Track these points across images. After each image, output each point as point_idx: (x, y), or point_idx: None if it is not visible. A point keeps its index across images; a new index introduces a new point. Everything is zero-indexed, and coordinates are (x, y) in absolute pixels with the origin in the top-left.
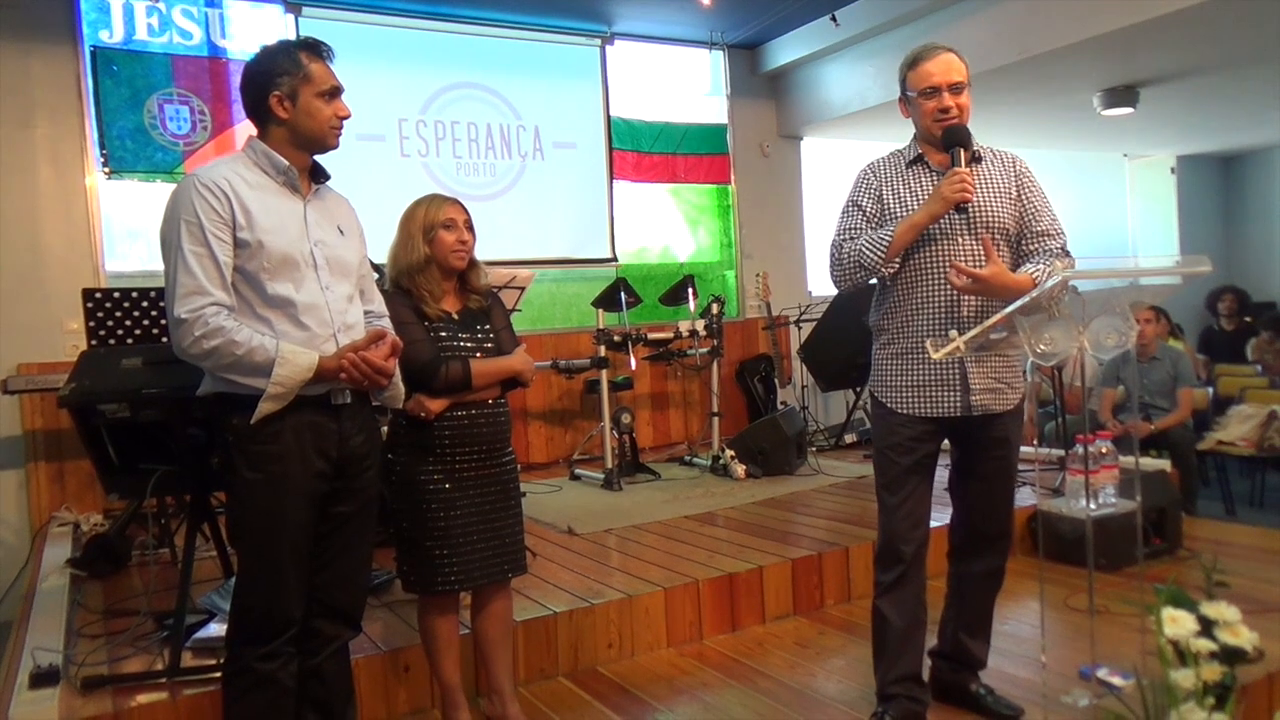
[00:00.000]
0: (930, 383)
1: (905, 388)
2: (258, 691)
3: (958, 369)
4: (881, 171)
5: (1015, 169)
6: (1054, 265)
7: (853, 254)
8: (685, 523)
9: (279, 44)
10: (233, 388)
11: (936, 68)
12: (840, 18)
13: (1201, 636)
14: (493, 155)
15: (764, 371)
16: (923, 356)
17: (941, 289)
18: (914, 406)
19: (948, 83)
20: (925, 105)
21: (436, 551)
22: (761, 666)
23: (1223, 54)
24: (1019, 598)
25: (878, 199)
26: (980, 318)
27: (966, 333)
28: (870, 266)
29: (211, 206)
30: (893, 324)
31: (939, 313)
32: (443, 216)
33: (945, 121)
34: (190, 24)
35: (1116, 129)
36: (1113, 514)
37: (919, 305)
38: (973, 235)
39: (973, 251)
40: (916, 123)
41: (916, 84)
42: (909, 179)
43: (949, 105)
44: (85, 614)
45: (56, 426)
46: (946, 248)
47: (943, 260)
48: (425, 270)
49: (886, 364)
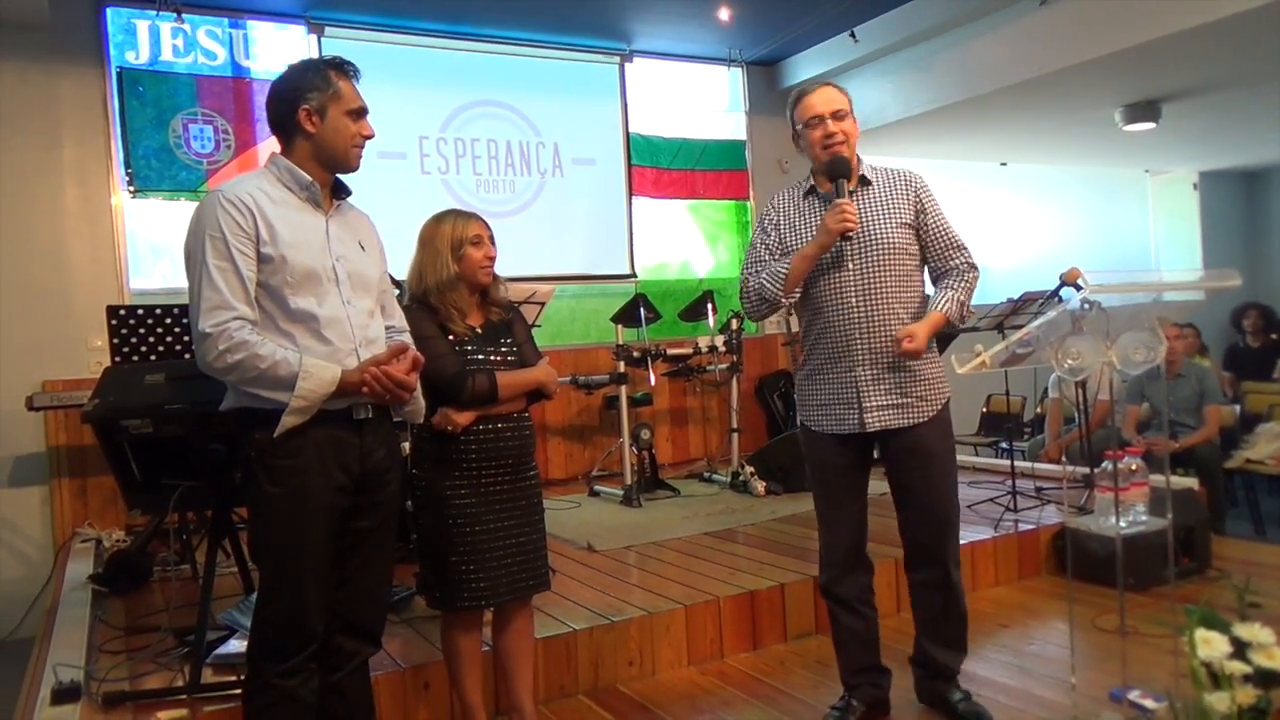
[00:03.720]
0: (833, 402)
1: (815, 406)
2: (279, 708)
3: (853, 389)
4: (780, 205)
5: (913, 188)
6: (962, 283)
7: (756, 287)
8: (705, 540)
9: (308, 61)
10: (256, 402)
11: (818, 99)
12: (859, 34)
13: (1235, 659)
14: (512, 172)
15: (784, 388)
16: (827, 377)
17: (839, 313)
18: (823, 424)
19: (829, 110)
20: (812, 135)
21: (462, 568)
22: (784, 685)
23: (1245, 69)
24: (1045, 618)
25: (776, 232)
26: (874, 335)
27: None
28: (771, 299)
29: (235, 221)
30: (806, 346)
31: (839, 335)
32: (470, 233)
33: (831, 147)
34: (215, 44)
35: (1138, 145)
36: (1143, 532)
37: (822, 330)
38: (864, 260)
39: (866, 276)
40: (808, 154)
41: (802, 116)
42: (804, 210)
43: (833, 130)
44: (107, 630)
45: (80, 443)
46: (839, 274)
47: (837, 286)
48: (454, 287)
49: (802, 384)
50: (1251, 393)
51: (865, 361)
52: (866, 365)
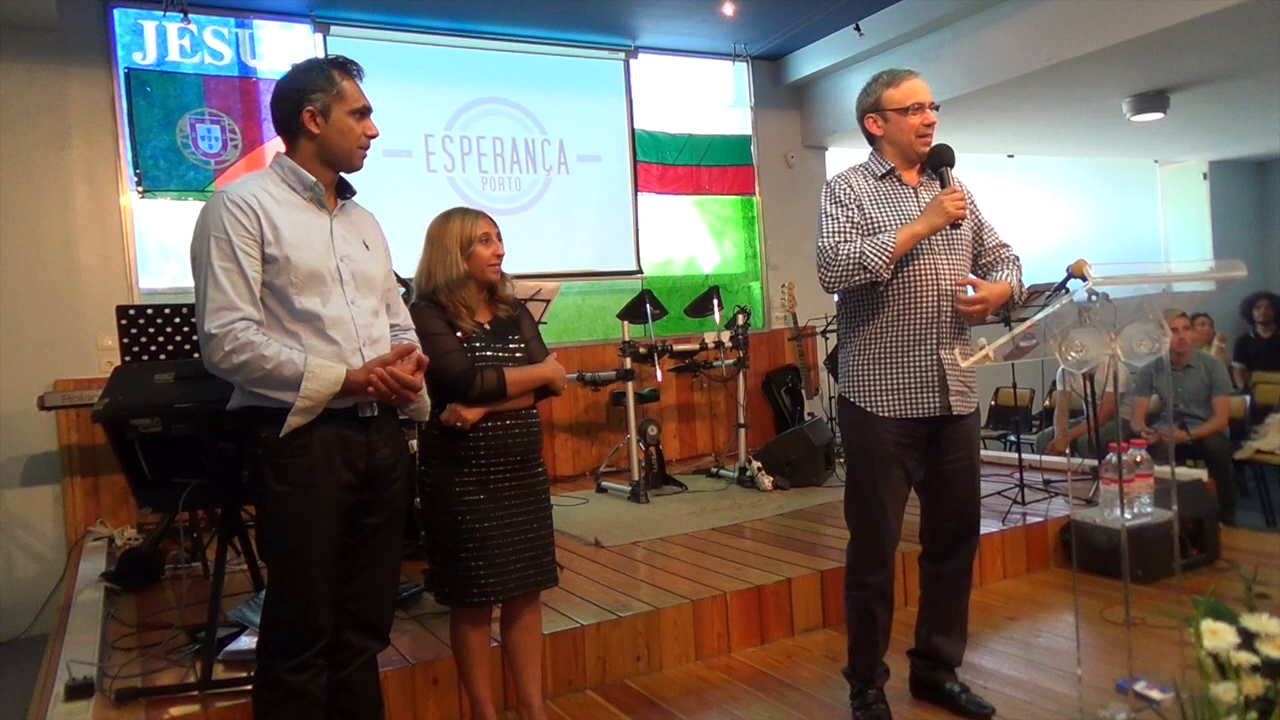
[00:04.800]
0: (911, 385)
1: (886, 391)
2: (288, 703)
3: (936, 371)
4: (857, 185)
5: (966, 190)
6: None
7: (854, 256)
8: (713, 535)
9: (312, 61)
10: (262, 401)
11: (920, 86)
12: (864, 27)
13: (1242, 649)
14: (518, 169)
15: (790, 383)
16: (903, 360)
17: (928, 297)
18: (896, 409)
19: (929, 100)
20: (909, 121)
21: (471, 564)
22: (791, 680)
23: (1255, 58)
24: (1053, 610)
25: (860, 209)
26: (956, 326)
27: (995, 341)
28: (873, 269)
29: (240, 223)
30: (870, 329)
31: (925, 317)
32: (479, 231)
33: (927, 136)
34: (221, 45)
35: (1147, 135)
36: (1149, 524)
37: (902, 311)
38: (950, 248)
39: (952, 263)
40: (895, 138)
41: (903, 100)
42: (888, 192)
43: (933, 121)
44: (119, 627)
45: (91, 442)
46: (932, 258)
47: (929, 270)
48: (464, 285)
49: (865, 368)
50: (1262, 383)
51: (948, 346)
52: (949, 349)
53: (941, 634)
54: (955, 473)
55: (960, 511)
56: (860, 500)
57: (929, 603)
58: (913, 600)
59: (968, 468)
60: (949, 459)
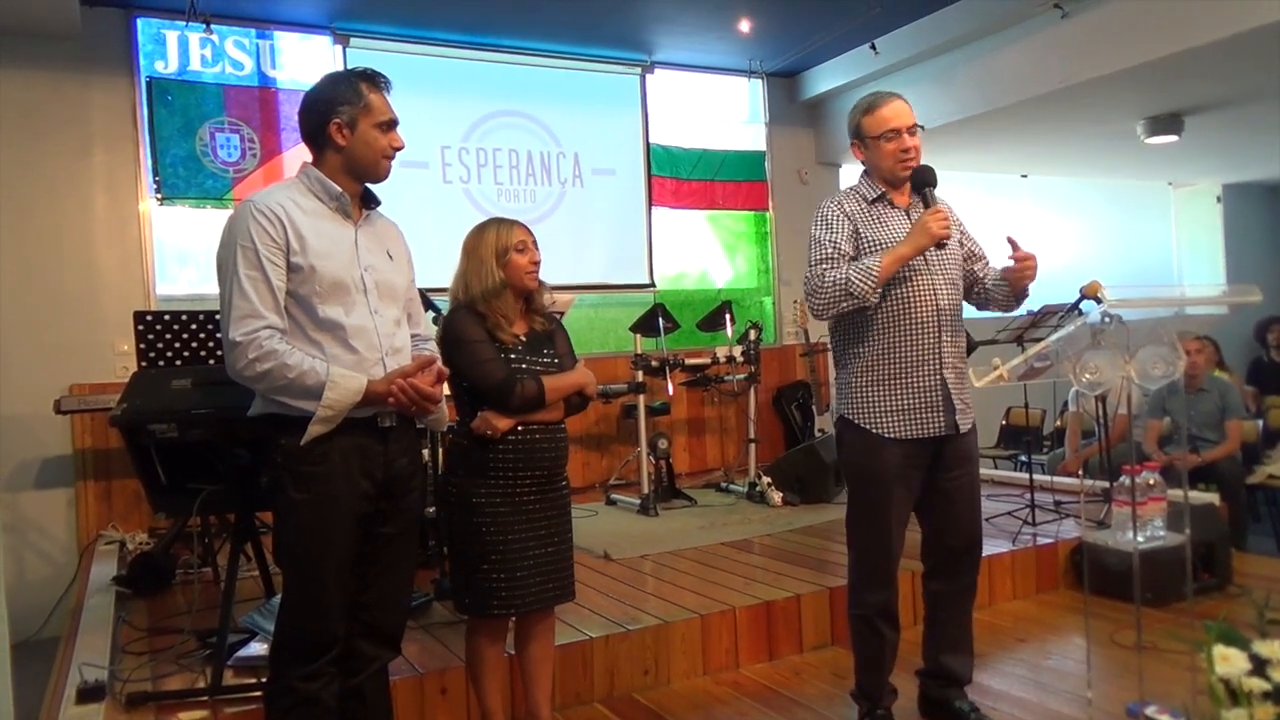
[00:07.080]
0: (917, 406)
1: (891, 412)
2: (300, 711)
3: (941, 391)
4: (849, 209)
5: (950, 210)
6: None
7: (839, 282)
8: (722, 549)
9: (340, 74)
10: (284, 409)
11: (894, 112)
12: (879, 46)
13: (1254, 675)
14: (533, 182)
15: (801, 398)
16: (909, 381)
17: (928, 316)
18: (903, 430)
19: (906, 126)
20: (887, 147)
21: (493, 575)
22: (799, 696)
23: (1269, 83)
24: (1063, 632)
25: (853, 234)
26: (955, 339)
27: (1009, 361)
28: (859, 294)
29: (266, 232)
30: (872, 351)
31: (926, 338)
32: (515, 240)
33: (907, 162)
34: (242, 55)
35: (1161, 157)
36: (1161, 547)
37: (902, 333)
38: (944, 267)
39: (947, 282)
40: (875, 164)
41: (877, 128)
42: (879, 215)
43: (909, 146)
44: (130, 631)
45: (105, 446)
46: (929, 278)
47: (926, 289)
48: (501, 295)
49: (867, 390)
50: (1275, 407)
51: (949, 365)
52: (950, 368)
53: (950, 651)
54: (959, 489)
55: (965, 527)
56: (865, 521)
57: (935, 620)
58: (920, 619)
59: (970, 483)
60: (952, 475)
